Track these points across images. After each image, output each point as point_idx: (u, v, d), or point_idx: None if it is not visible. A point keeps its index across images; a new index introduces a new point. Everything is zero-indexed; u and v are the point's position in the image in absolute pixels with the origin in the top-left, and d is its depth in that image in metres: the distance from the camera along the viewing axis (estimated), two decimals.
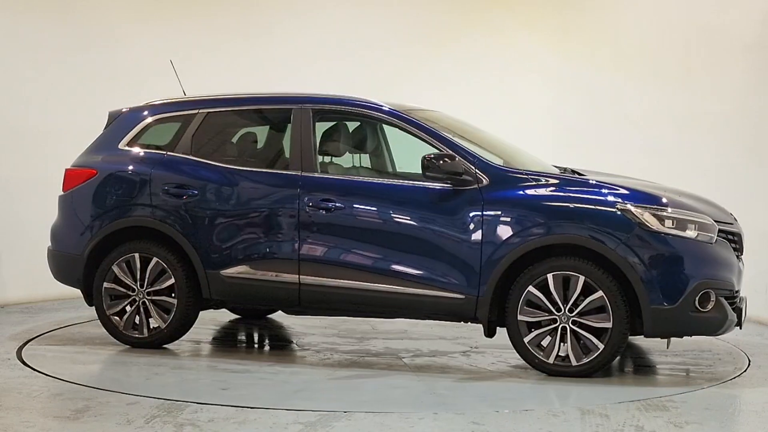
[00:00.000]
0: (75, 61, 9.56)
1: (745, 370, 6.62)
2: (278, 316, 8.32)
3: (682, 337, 6.36)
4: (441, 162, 6.36)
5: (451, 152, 6.45)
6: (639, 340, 7.24)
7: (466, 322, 6.57)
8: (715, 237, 6.24)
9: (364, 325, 8.03)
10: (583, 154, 9.14)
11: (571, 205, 6.25)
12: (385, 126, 7.21)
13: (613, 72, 9.99)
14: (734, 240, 6.49)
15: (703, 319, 6.14)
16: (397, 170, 7.43)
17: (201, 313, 7.17)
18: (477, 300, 6.34)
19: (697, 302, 6.10)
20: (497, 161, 6.85)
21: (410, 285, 6.45)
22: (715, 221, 6.33)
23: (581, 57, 10.33)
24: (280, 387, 6.09)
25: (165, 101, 7.40)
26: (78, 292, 7.37)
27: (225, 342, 7.64)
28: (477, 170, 6.41)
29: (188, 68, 9.15)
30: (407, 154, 7.17)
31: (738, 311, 6.29)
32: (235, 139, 7.29)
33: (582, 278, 6.14)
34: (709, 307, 6.14)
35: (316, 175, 6.73)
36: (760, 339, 7.76)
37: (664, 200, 6.28)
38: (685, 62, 9.35)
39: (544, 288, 6.22)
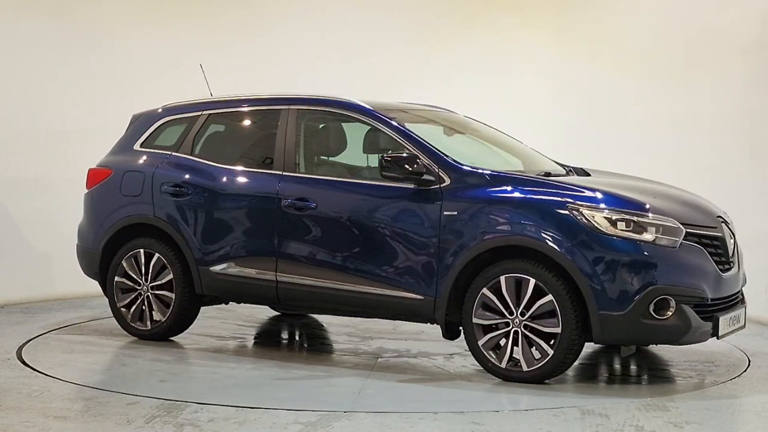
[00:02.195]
0: (80, 63, 9.58)
1: (745, 370, 6.62)
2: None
3: (637, 345, 6.15)
4: (397, 162, 6.29)
5: (414, 152, 6.39)
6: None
7: (432, 324, 6.47)
8: (680, 241, 5.93)
9: (387, 325, 7.99)
10: (583, 154, 9.12)
11: (522, 206, 6.05)
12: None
13: (613, 72, 9.99)
14: (714, 245, 6.15)
15: (660, 327, 5.83)
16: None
17: (242, 309, 7.42)
18: (435, 301, 6.27)
19: (652, 309, 5.80)
20: (515, 162, 6.89)
21: (375, 285, 6.44)
22: (692, 225, 6.05)
23: (581, 57, 10.32)
24: (216, 382, 6.14)
25: (176, 104, 7.66)
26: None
27: (225, 340, 7.65)
28: (440, 170, 6.33)
29: (192, 69, 9.23)
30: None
31: (715, 320, 5.97)
32: (229, 140, 7.48)
33: (533, 281, 5.96)
34: (668, 314, 5.83)
35: (295, 174, 6.83)
36: (760, 339, 7.77)
37: (625, 202, 5.99)
38: (685, 62, 9.36)
39: (498, 291, 6.07)
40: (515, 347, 6.04)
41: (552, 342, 5.94)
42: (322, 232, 6.64)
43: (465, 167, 6.35)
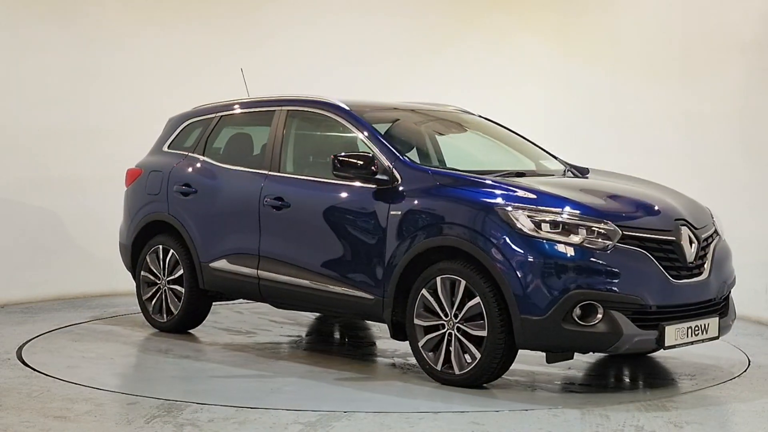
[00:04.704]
0: (82, 63, 9.60)
1: (745, 370, 6.61)
2: None
3: (563, 352, 5.89)
4: (347, 162, 6.28)
5: (373, 151, 6.40)
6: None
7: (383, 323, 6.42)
8: (613, 244, 5.64)
9: None
10: (582, 154, 9.14)
11: (456, 206, 5.94)
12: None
13: (613, 72, 9.99)
14: (664, 249, 5.80)
15: (584, 333, 5.58)
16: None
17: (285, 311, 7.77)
18: (383, 301, 6.24)
19: (576, 314, 5.58)
20: (526, 162, 6.94)
21: (337, 284, 6.48)
22: (634, 228, 5.74)
23: (581, 57, 10.33)
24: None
25: (200, 106, 7.95)
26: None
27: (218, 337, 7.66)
28: (394, 169, 6.30)
29: (204, 72, 9.28)
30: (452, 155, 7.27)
31: (660, 329, 5.67)
32: (234, 141, 7.66)
33: (463, 283, 5.84)
34: (595, 321, 5.58)
35: (277, 174, 6.95)
36: (760, 339, 7.76)
37: (555, 202, 5.78)
38: (684, 62, 9.36)
39: (435, 292, 5.97)
40: (450, 350, 5.95)
41: (481, 345, 5.81)
42: (295, 231, 6.74)
43: (415, 165, 6.35)
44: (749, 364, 6.78)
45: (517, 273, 5.65)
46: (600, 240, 5.67)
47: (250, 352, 7.10)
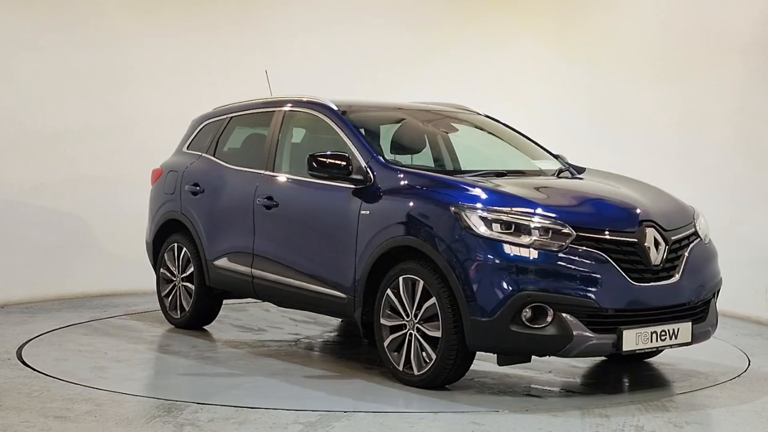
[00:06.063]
0: (87, 63, 9.61)
1: (745, 370, 6.61)
2: None
3: (514, 354, 5.76)
4: (321, 161, 6.29)
5: (352, 150, 6.41)
6: None
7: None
8: (566, 245, 5.52)
9: None
10: (582, 154, 9.13)
11: (416, 205, 5.90)
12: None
13: (613, 72, 9.99)
14: (624, 251, 5.64)
15: (533, 336, 5.46)
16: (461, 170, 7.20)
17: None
18: (354, 301, 6.24)
19: (525, 317, 5.46)
20: (530, 162, 6.95)
21: (317, 283, 6.51)
22: (591, 229, 5.60)
23: (581, 57, 10.33)
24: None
25: (217, 108, 8.08)
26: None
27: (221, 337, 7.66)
28: (368, 169, 6.29)
29: (206, 72, 9.27)
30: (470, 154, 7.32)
31: (618, 333, 5.52)
32: (240, 142, 7.78)
33: (422, 283, 5.79)
34: (544, 323, 5.47)
35: (270, 173, 7.04)
36: (760, 339, 7.76)
37: (508, 201, 5.70)
38: (685, 62, 9.36)
39: (398, 292, 5.95)
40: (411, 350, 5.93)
41: (437, 346, 5.75)
42: (283, 230, 6.82)
43: (387, 165, 6.32)
44: (749, 364, 6.78)
45: (467, 273, 5.56)
46: (552, 241, 5.55)
47: (254, 351, 7.09)
